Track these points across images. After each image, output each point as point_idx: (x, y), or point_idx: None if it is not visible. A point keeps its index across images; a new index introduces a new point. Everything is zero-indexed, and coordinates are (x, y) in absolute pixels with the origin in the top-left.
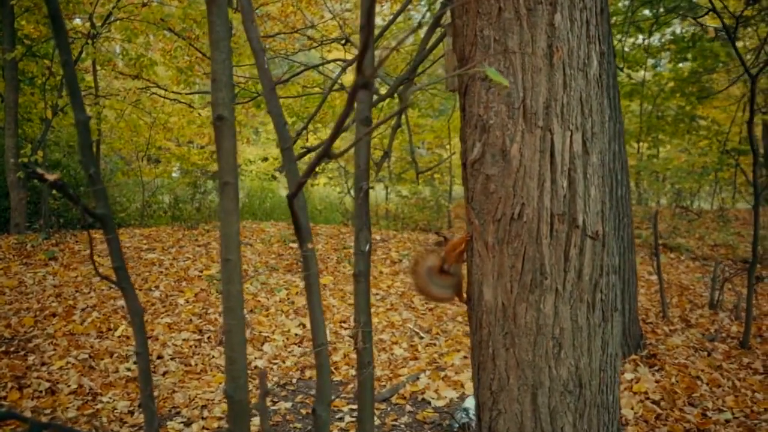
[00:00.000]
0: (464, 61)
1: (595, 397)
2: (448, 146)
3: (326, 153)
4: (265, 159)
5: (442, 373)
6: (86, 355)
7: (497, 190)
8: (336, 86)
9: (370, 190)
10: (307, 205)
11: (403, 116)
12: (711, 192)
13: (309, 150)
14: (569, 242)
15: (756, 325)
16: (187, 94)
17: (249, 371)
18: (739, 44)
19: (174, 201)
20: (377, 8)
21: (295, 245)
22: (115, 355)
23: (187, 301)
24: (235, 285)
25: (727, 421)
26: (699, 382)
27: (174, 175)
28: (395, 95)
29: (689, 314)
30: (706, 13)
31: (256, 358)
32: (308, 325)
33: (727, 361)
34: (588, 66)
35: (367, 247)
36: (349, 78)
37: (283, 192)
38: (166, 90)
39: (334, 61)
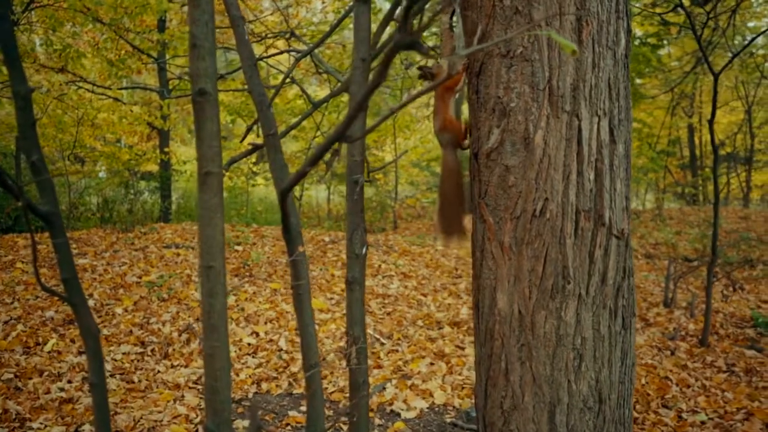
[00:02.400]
0: (477, 36)
1: (614, 412)
2: (393, 146)
3: (340, 136)
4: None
5: (409, 382)
6: (11, 375)
7: (517, 183)
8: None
9: (310, 192)
10: (248, 205)
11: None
12: (637, 193)
13: (257, 146)
14: (594, 242)
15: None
16: (119, 89)
17: (200, 386)
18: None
19: (103, 202)
20: (319, 4)
21: (240, 248)
22: (46, 373)
23: (126, 311)
24: (219, 298)
25: (703, 422)
26: (669, 383)
27: (101, 175)
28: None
29: (646, 313)
30: (674, 9)
31: None
32: (261, 334)
33: (691, 360)
34: (617, 44)
35: (363, 250)
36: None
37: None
38: (94, 84)
39: (288, 51)
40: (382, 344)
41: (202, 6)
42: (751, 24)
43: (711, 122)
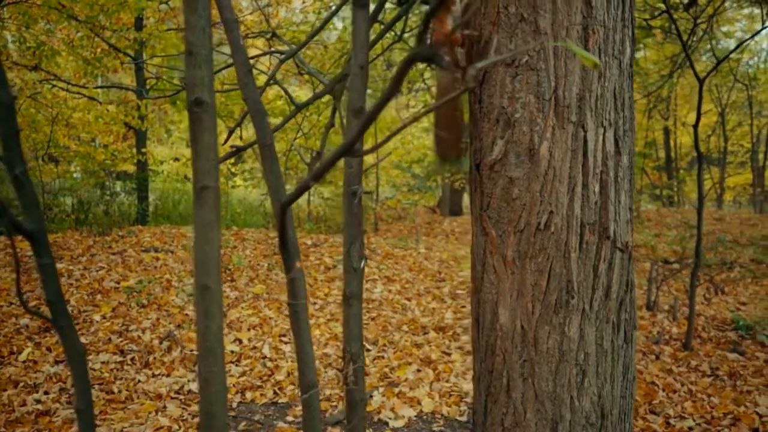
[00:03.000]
0: (481, 43)
1: (615, 427)
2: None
3: (348, 151)
4: (176, 159)
5: (397, 389)
6: None
7: (521, 195)
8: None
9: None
10: (228, 208)
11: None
12: None
13: (239, 149)
14: (599, 256)
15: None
16: (94, 88)
17: (182, 396)
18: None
19: (79, 204)
20: (299, 4)
21: (220, 251)
22: (21, 384)
23: (104, 317)
24: (216, 320)
25: (690, 428)
26: (656, 388)
27: (75, 176)
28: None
29: None
30: (659, 14)
31: (189, 380)
32: (245, 341)
33: (676, 364)
34: (622, 54)
35: (362, 264)
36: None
37: None
38: (68, 83)
39: (271, 53)
40: (368, 350)
41: (199, 11)
42: (724, 29)
43: (696, 128)
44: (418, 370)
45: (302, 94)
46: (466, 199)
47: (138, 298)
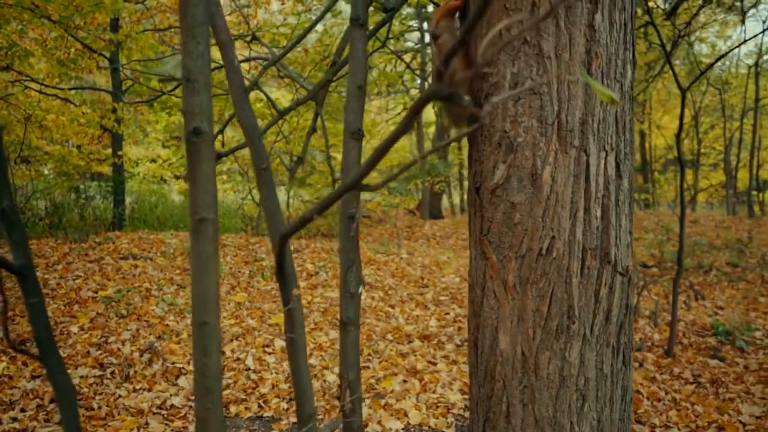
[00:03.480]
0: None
1: None
2: None
3: (356, 185)
4: (153, 160)
5: (383, 401)
6: None
7: (523, 220)
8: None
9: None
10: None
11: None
12: None
13: (220, 155)
14: (600, 281)
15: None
16: (69, 89)
17: (165, 411)
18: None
19: (53, 207)
20: (278, 5)
21: None
22: None
23: (82, 329)
24: (214, 357)
25: None
26: (641, 397)
27: (46, 172)
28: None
29: None
30: (644, 26)
31: (171, 395)
32: (228, 352)
33: (659, 371)
34: (624, 77)
35: (360, 289)
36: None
37: (176, 197)
38: (42, 84)
39: (255, 59)
40: None
41: (197, 37)
42: (699, 34)
43: (678, 137)
44: (405, 381)
45: (280, 95)
46: (445, 201)
47: (117, 308)
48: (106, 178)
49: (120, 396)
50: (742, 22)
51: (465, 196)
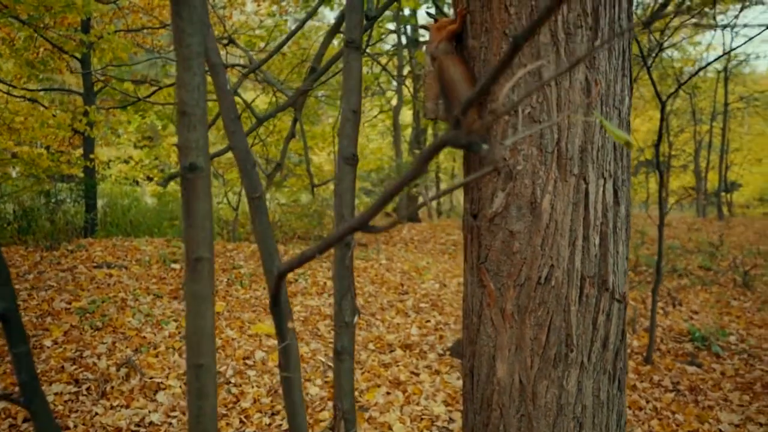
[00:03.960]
0: (482, 92)
1: None
2: (331, 152)
3: (362, 227)
4: (126, 161)
5: (367, 414)
6: None
7: (522, 249)
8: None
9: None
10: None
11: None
12: None
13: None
14: (598, 308)
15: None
16: (38, 90)
17: (143, 429)
18: None
19: (21, 212)
20: (253, 7)
21: (177, 266)
22: None
23: (56, 343)
24: (210, 400)
25: None
26: None
27: (13, 174)
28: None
29: None
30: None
31: (150, 411)
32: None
33: (639, 379)
34: (622, 103)
35: (355, 319)
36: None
37: (149, 200)
38: (10, 85)
39: (233, 66)
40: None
41: (193, 69)
42: (670, 40)
43: (657, 147)
44: (388, 393)
45: (253, 95)
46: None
47: (92, 320)
48: (77, 181)
49: (97, 414)
50: (715, 28)
51: (441, 199)
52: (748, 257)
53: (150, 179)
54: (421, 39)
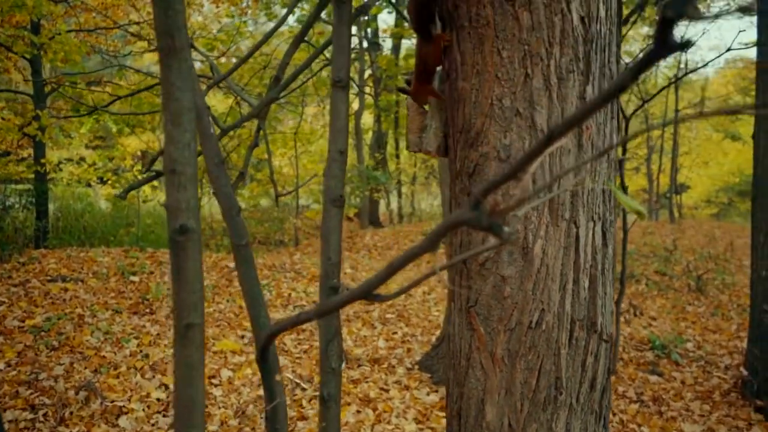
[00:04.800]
0: (471, 133)
1: None
2: (292, 155)
3: (367, 295)
4: (78, 162)
5: None
6: None
7: (513, 294)
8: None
9: (202, 201)
10: (139, 222)
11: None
12: None
13: (159, 174)
14: (587, 350)
15: (614, 348)
16: None
17: None
18: None
19: None
20: (211, 8)
21: (136, 278)
22: None
23: (9, 365)
24: None
25: None
26: None
27: None
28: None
29: None
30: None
31: None
32: (172, 387)
33: None
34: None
35: (342, 365)
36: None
37: (103, 204)
38: None
39: (199, 76)
40: (303, 389)
41: (184, 125)
42: (625, 47)
43: (622, 163)
44: (358, 411)
45: (214, 101)
46: (382, 206)
47: (47, 339)
48: (28, 186)
49: None
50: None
51: (403, 202)
52: (700, 261)
53: (104, 182)
54: (381, 42)
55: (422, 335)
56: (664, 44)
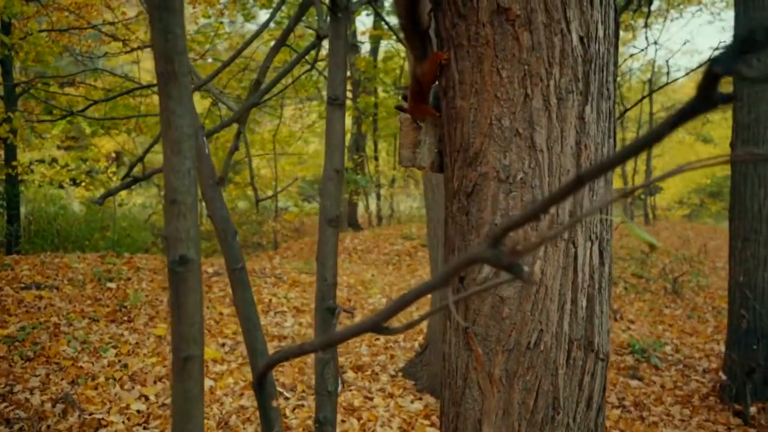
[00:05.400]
0: (469, 153)
1: None
2: (270, 158)
3: (376, 328)
4: (50, 163)
5: None
6: None
7: (512, 314)
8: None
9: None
10: (114, 226)
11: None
12: None
13: (136, 179)
14: (584, 369)
15: None
16: None
17: None
18: None
19: None
20: (188, 9)
21: (113, 285)
22: None
23: None
24: None
25: None
26: None
27: None
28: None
29: None
30: None
31: None
32: (152, 397)
33: None
34: None
35: (339, 387)
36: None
37: (77, 207)
38: None
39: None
40: (287, 399)
41: (184, 152)
42: None
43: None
44: (343, 421)
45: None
46: (361, 208)
47: (22, 349)
48: None
49: None
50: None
51: (382, 204)
52: (675, 263)
53: (77, 183)
54: (359, 44)
55: (405, 341)
56: (706, 99)
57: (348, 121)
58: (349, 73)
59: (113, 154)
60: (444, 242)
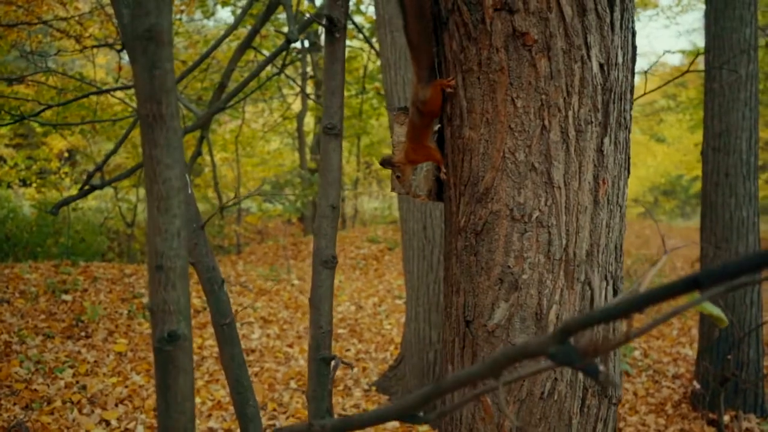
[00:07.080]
0: (479, 188)
1: None
2: (233, 160)
3: (404, 415)
4: None
5: None
6: None
7: (524, 363)
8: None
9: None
10: (68, 230)
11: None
12: None
13: (94, 187)
14: (597, 416)
15: None
16: None
17: None
18: None
19: None
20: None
21: (69, 297)
22: None
23: None
24: None
25: None
26: None
27: None
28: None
29: None
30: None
31: None
32: (113, 421)
33: None
34: (623, 199)
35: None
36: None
37: (27, 209)
38: None
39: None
40: None
41: (173, 210)
42: None
43: None
44: None
45: None
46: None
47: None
48: None
49: None
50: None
51: (346, 204)
52: (637, 264)
53: (27, 184)
54: (321, 43)
55: (376, 351)
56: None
57: (311, 120)
58: (311, 73)
59: (66, 154)
60: (444, 278)
